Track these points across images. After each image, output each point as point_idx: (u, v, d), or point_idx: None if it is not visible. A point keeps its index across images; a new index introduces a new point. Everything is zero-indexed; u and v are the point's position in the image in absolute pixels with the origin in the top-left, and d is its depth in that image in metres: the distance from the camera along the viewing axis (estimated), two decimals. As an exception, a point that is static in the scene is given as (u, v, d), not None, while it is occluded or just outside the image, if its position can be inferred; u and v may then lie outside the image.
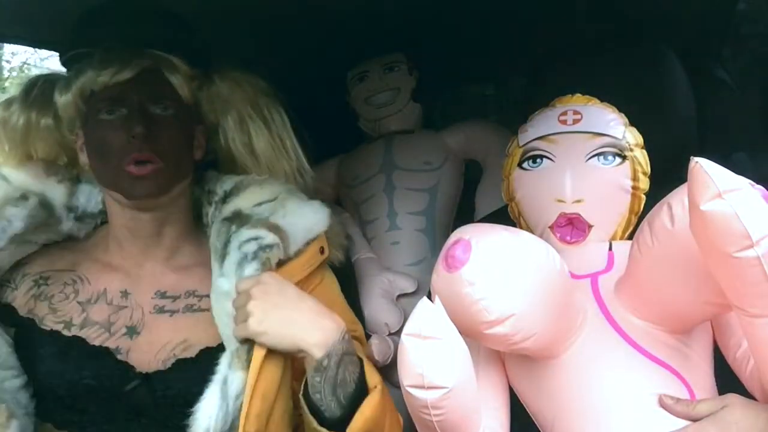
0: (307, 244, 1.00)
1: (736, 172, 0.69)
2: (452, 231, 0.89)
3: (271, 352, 0.89)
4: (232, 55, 1.52)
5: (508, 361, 0.99)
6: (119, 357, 0.94)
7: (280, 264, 0.96)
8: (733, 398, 0.82)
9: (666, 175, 0.93)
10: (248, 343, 0.89)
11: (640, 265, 0.86)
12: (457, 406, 0.82)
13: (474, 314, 0.82)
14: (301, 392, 0.90)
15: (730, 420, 0.79)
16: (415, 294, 1.43)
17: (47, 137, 1.05)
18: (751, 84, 1.40)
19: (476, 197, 1.53)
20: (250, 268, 0.93)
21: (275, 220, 0.98)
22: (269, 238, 0.95)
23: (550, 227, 1.00)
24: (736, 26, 1.42)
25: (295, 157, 1.10)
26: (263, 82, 1.09)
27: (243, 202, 1.01)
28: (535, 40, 1.47)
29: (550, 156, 1.01)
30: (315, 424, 0.88)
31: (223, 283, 0.94)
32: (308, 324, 0.88)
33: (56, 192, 1.03)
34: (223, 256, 0.96)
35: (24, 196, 1.00)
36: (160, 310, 0.98)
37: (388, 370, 1.40)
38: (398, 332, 1.32)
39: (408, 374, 0.80)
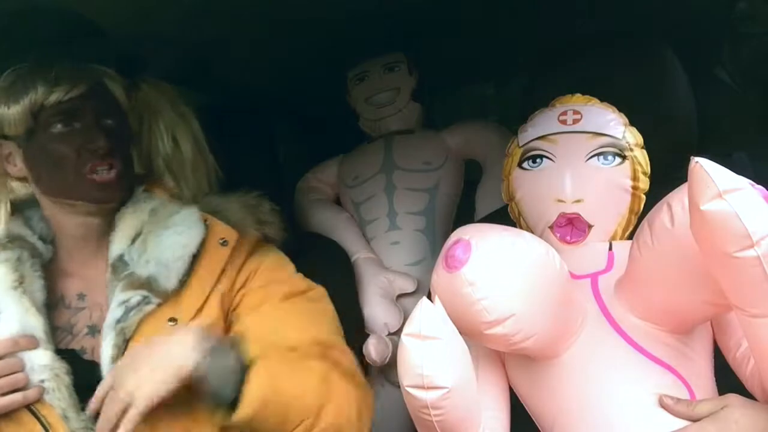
0: (192, 263, 1.01)
1: (736, 172, 0.69)
2: (452, 231, 0.89)
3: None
4: (233, 55, 1.53)
5: (508, 361, 0.99)
6: (85, 357, 0.98)
7: (170, 296, 0.98)
8: (733, 398, 0.82)
9: (666, 175, 0.93)
10: None
11: (640, 265, 0.86)
12: (456, 407, 0.82)
13: (474, 314, 0.82)
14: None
15: (730, 420, 0.80)
16: (414, 294, 1.43)
17: None
18: (751, 84, 1.40)
19: (476, 197, 1.53)
20: (110, 338, 0.96)
21: (138, 270, 1.00)
22: (134, 298, 0.98)
23: (550, 227, 1.00)
24: (736, 26, 1.42)
25: (211, 158, 1.14)
26: (175, 88, 1.14)
27: (119, 242, 1.03)
28: (535, 40, 1.47)
29: (550, 156, 1.01)
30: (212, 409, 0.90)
31: (107, 346, 0.96)
32: (164, 356, 0.89)
33: (18, 227, 1.06)
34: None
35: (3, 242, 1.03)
36: None
37: (388, 370, 1.40)
38: (398, 332, 1.33)
39: (408, 374, 0.80)
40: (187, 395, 0.91)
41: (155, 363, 0.89)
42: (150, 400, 0.87)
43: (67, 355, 0.98)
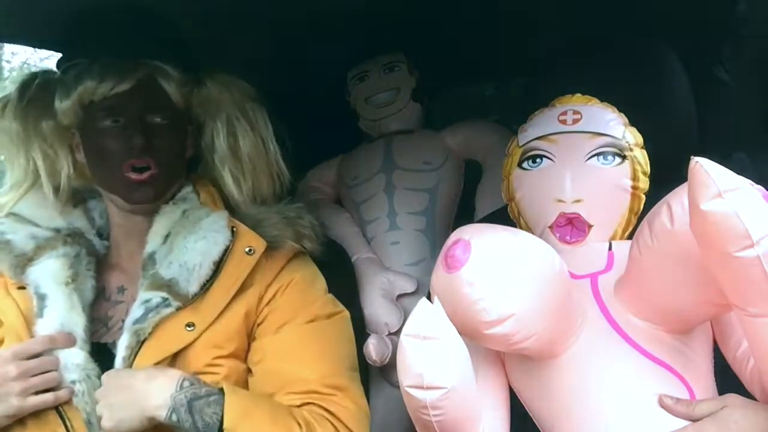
0: (216, 270, 1.00)
1: (736, 172, 0.69)
2: (452, 231, 0.89)
3: None
4: (233, 55, 1.52)
5: (508, 361, 0.99)
6: (114, 351, 0.98)
7: (189, 300, 0.99)
8: (732, 398, 0.82)
9: (666, 175, 0.93)
10: None
11: (639, 265, 0.86)
12: (456, 407, 0.82)
13: (474, 314, 0.82)
14: None
15: (730, 420, 0.79)
16: (414, 294, 1.43)
17: (46, 139, 1.07)
18: (751, 84, 1.40)
19: (476, 197, 1.53)
20: (125, 339, 0.96)
21: (162, 271, 1.00)
22: (155, 299, 0.98)
23: (549, 227, 1.00)
24: (736, 26, 1.42)
25: (275, 160, 1.13)
26: (250, 87, 1.13)
27: (153, 240, 1.03)
28: (535, 40, 1.47)
29: (550, 156, 1.01)
30: None
31: (121, 345, 0.97)
32: (141, 395, 0.90)
33: (79, 219, 1.08)
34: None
35: (57, 237, 1.04)
36: None
37: (388, 370, 1.40)
38: (398, 332, 1.32)
39: (407, 374, 0.80)
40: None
41: (132, 398, 0.90)
42: (115, 429, 0.90)
43: (98, 348, 0.99)
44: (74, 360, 0.96)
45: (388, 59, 1.61)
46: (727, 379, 0.89)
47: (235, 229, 1.04)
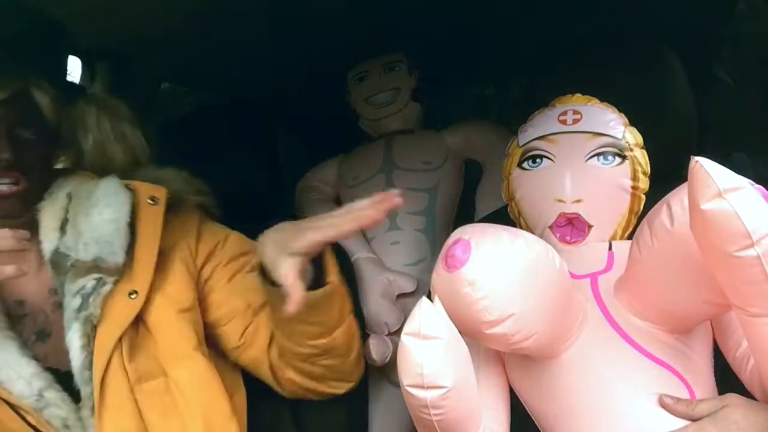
0: (131, 233, 0.99)
1: (736, 172, 0.69)
2: (452, 231, 0.89)
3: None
4: (233, 55, 1.52)
5: (508, 361, 0.99)
6: (40, 364, 0.95)
7: (122, 270, 0.97)
8: (733, 398, 0.82)
9: (666, 175, 0.93)
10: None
11: (639, 264, 0.86)
12: (456, 406, 0.82)
13: (474, 314, 0.82)
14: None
15: (730, 420, 0.79)
16: (414, 294, 1.43)
17: None
18: (751, 84, 1.40)
19: (476, 197, 1.53)
20: (75, 329, 0.94)
21: (81, 256, 0.97)
22: (89, 283, 0.96)
23: (550, 227, 1.00)
24: (736, 26, 1.42)
25: (137, 135, 1.11)
26: (125, 108, 1.11)
27: (48, 238, 1.00)
28: (535, 40, 1.47)
29: (550, 156, 1.01)
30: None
31: (73, 337, 0.95)
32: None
33: None
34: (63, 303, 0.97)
35: None
36: (60, 306, 0.98)
37: (388, 370, 1.40)
38: (398, 332, 1.32)
39: (407, 374, 0.80)
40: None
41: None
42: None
43: (53, 374, 0.95)
44: (50, 395, 0.93)
45: (388, 59, 1.61)
46: (727, 379, 0.89)
47: (131, 186, 1.03)
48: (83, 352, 0.94)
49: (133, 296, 0.97)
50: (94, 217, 0.99)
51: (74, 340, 0.94)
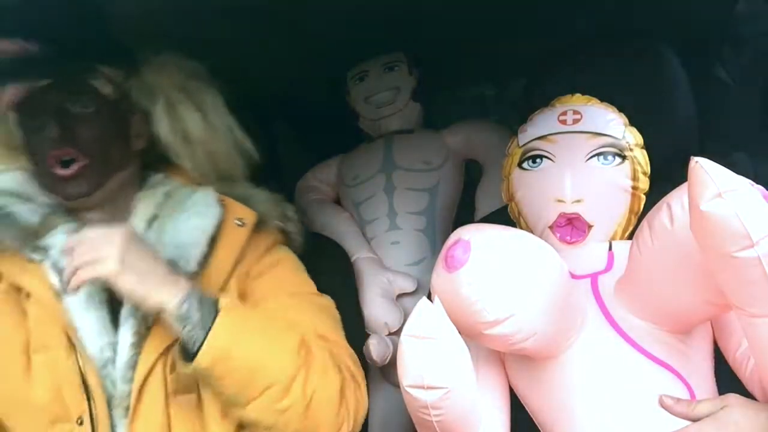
0: (211, 245, 0.99)
1: (736, 172, 0.69)
2: (452, 231, 0.89)
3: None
4: (231, 53, 1.52)
5: (508, 361, 0.99)
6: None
7: (190, 279, 0.95)
8: (732, 398, 0.82)
9: (666, 175, 0.93)
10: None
11: (639, 265, 0.86)
12: (456, 407, 0.82)
13: (474, 314, 0.82)
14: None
15: (730, 420, 0.80)
16: (415, 293, 1.43)
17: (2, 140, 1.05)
18: (751, 84, 1.40)
19: (476, 197, 1.53)
20: (128, 326, 0.94)
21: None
22: None
23: (550, 227, 1.00)
24: (736, 26, 1.42)
25: (232, 138, 1.09)
26: (195, 65, 1.08)
27: (136, 227, 1.01)
28: (535, 40, 1.47)
29: (550, 156, 1.01)
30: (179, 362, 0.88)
31: (126, 333, 0.94)
32: (161, 277, 0.88)
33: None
34: None
35: (57, 213, 1.00)
36: None
37: (388, 370, 1.40)
38: (398, 332, 1.32)
39: (407, 374, 0.80)
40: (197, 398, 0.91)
41: (151, 272, 0.87)
42: (120, 279, 0.85)
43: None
44: (102, 324, 0.94)
45: (388, 59, 1.61)
46: (727, 379, 0.89)
47: (223, 202, 1.03)
48: (132, 350, 0.94)
49: None
50: (181, 221, 0.99)
51: (126, 336, 0.94)
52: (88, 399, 0.93)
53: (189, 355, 0.86)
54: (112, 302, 0.96)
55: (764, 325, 0.72)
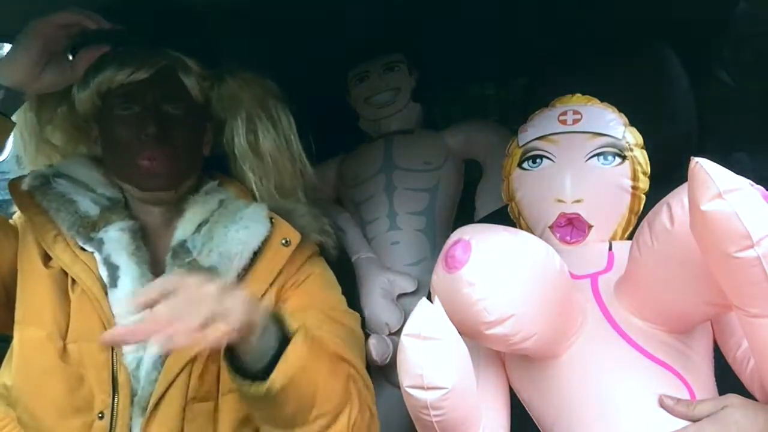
0: (253, 259, 1.01)
1: (736, 172, 0.69)
2: (452, 231, 0.89)
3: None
4: (233, 54, 1.52)
5: (508, 361, 0.99)
6: None
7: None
8: (733, 398, 0.82)
9: (666, 175, 0.93)
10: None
11: (639, 265, 0.86)
12: (456, 407, 0.82)
13: (474, 315, 0.82)
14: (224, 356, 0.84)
15: (730, 420, 0.79)
16: (415, 293, 1.43)
17: (63, 124, 1.08)
18: (751, 84, 1.40)
19: (476, 197, 1.53)
20: None
21: (201, 259, 1.00)
22: None
23: (550, 227, 1.00)
24: (736, 26, 1.42)
25: (299, 158, 1.13)
26: (272, 84, 1.12)
27: (184, 228, 1.03)
28: (535, 40, 1.47)
29: (550, 156, 1.01)
30: (240, 381, 0.83)
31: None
32: (249, 301, 0.81)
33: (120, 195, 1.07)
34: None
35: (117, 208, 1.04)
36: None
37: (388, 370, 1.40)
38: (398, 332, 1.32)
39: (408, 375, 0.80)
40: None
41: (231, 303, 0.78)
42: (238, 324, 0.77)
43: None
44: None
45: (388, 59, 1.61)
46: (727, 379, 0.89)
47: (273, 220, 1.05)
48: (159, 356, 0.95)
49: None
50: (230, 231, 1.02)
51: None
52: (114, 394, 0.94)
53: (251, 373, 0.82)
54: None
55: (764, 326, 0.72)
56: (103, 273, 0.98)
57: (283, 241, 1.04)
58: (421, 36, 1.55)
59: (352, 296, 1.41)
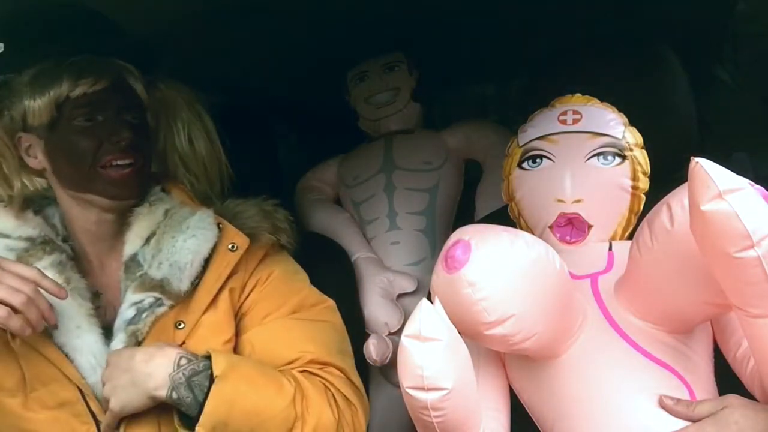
0: (204, 266, 1.02)
1: (736, 172, 0.69)
2: (452, 231, 0.89)
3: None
4: (233, 55, 1.52)
5: (508, 361, 0.99)
6: None
7: (181, 298, 1.00)
8: (733, 399, 0.82)
9: (666, 175, 0.93)
10: None
11: (639, 265, 0.86)
12: (457, 407, 0.82)
13: (474, 315, 0.82)
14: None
15: (730, 420, 0.79)
16: (415, 293, 1.43)
17: None
18: (751, 84, 1.40)
19: (476, 197, 1.53)
20: (119, 340, 0.98)
21: (152, 272, 1.01)
22: (147, 299, 1.00)
23: (550, 227, 1.00)
24: (736, 26, 1.42)
25: (224, 160, 1.15)
26: (196, 93, 1.15)
27: (132, 242, 1.04)
28: (535, 40, 1.47)
29: (550, 156, 1.01)
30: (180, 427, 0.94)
31: (116, 346, 0.98)
32: (141, 377, 0.92)
33: (43, 227, 1.05)
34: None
35: (35, 247, 1.02)
36: None
37: (388, 370, 1.40)
38: (398, 332, 1.33)
39: (408, 375, 0.80)
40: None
41: (133, 380, 0.92)
42: (121, 410, 0.92)
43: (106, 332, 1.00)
44: (89, 341, 0.97)
45: (388, 59, 1.61)
46: (727, 379, 0.89)
47: (221, 225, 1.05)
48: None
49: (179, 327, 0.99)
50: (178, 241, 1.02)
51: (117, 349, 0.97)
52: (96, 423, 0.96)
53: (189, 418, 0.92)
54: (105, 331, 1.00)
55: (764, 326, 0.72)
56: None
57: (231, 246, 1.04)
58: (421, 36, 1.55)
59: (352, 296, 1.42)
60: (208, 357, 0.94)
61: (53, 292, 0.92)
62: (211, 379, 0.91)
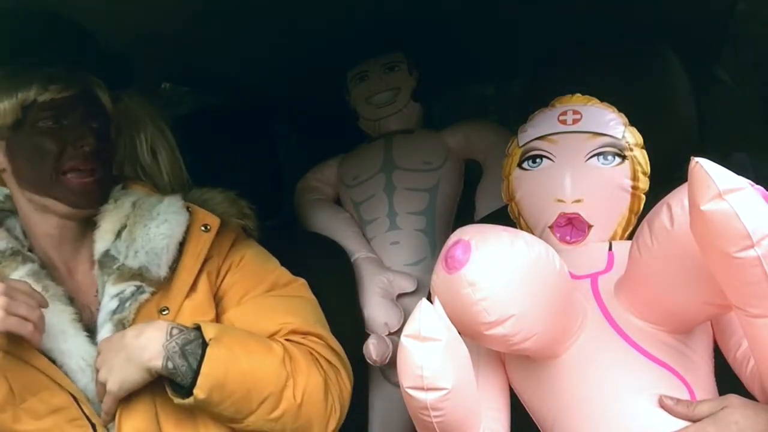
0: (180, 250, 1.04)
1: (736, 172, 0.69)
2: (452, 231, 0.89)
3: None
4: (233, 55, 1.52)
5: (508, 361, 0.99)
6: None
7: (161, 284, 1.02)
8: (733, 399, 0.82)
9: (666, 175, 0.93)
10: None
11: (639, 265, 0.86)
12: (456, 407, 0.82)
13: (474, 315, 0.82)
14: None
15: (730, 420, 0.79)
16: (415, 293, 1.43)
17: None
18: (751, 84, 1.40)
19: (476, 197, 1.53)
20: (106, 330, 0.98)
21: (129, 262, 1.02)
22: (128, 289, 1.01)
23: (550, 227, 1.00)
24: (736, 26, 1.42)
25: (184, 170, 1.17)
26: (158, 108, 1.18)
27: (103, 239, 1.04)
28: (535, 40, 1.47)
29: (550, 156, 1.01)
30: (174, 396, 0.95)
31: (104, 337, 0.99)
32: (136, 351, 0.93)
33: (6, 239, 1.04)
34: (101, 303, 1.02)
35: (5, 258, 1.02)
36: None
37: (388, 370, 1.40)
38: (398, 332, 1.33)
39: (408, 375, 0.80)
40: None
41: (128, 356, 0.93)
42: (120, 389, 0.93)
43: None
44: (77, 344, 0.98)
45: (388, 59, 1.61)
46: (727, 379, 0.89)
47: (190, 209, 1.07)
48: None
49: (164, 313, 1.01)
50: (151, 229, 1.03)
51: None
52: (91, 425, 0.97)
53: (183, 389, 0.93)
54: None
55: (764, 326, 0.72)
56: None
57: (203, 227, 1.06)
58: (421, 36, 1.55)
59: (352, 296, 1.42)
60: (197, 328, 0.96)
61: (40, 302, 0.93)
62: (204, 347, 0.93)
